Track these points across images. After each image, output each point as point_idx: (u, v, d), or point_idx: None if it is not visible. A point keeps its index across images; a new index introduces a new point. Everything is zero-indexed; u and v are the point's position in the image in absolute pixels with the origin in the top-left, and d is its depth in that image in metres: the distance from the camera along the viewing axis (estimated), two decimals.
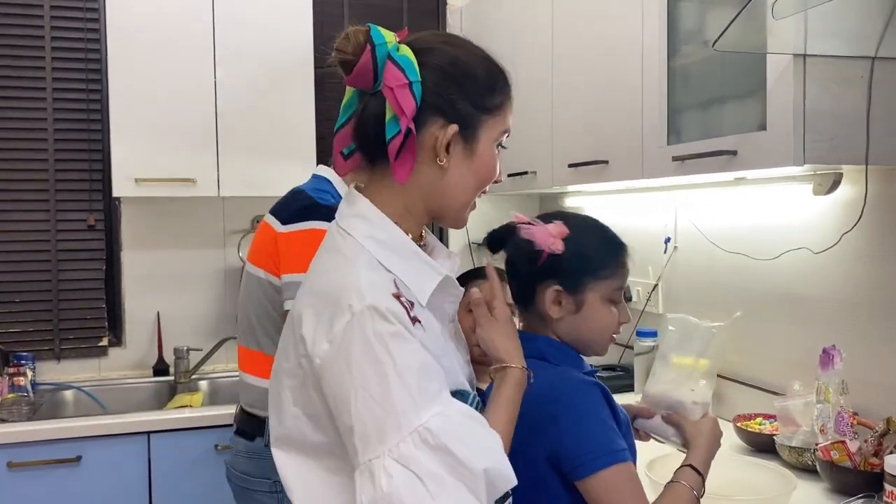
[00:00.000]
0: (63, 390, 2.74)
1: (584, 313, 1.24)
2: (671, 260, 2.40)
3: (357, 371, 0.92)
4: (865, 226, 1.70)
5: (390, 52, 1.01)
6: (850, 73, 1.48)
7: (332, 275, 1.00)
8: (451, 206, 1.09)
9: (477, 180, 1.08)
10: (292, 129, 2.73)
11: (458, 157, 1.05)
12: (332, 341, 0.93)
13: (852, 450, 1.55)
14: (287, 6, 2.71)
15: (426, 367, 0.94)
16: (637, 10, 1.94)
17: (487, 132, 1.06)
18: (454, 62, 1.05)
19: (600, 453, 1.12)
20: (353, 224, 1.05)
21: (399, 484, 0.88)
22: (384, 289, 0.97)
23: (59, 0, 2.79)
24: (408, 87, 0.99)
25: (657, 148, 1.88)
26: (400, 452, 0.89)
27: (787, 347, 1.98)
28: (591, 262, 1.24)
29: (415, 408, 0.90)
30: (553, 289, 1.22)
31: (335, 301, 0.95)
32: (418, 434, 0.90)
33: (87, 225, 2.86)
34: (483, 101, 1.06)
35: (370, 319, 0.92)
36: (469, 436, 0.93)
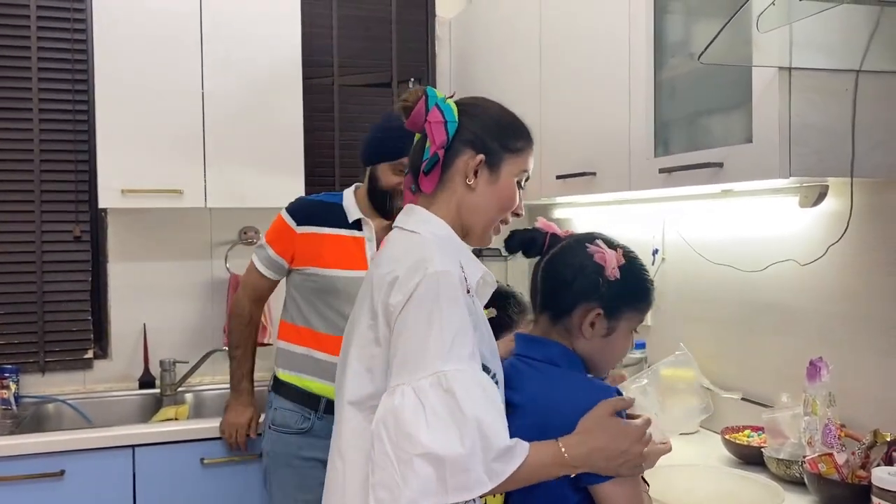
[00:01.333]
0: (47, 403, 2.71)
1: (611, 339, 1.32)
2: (659, 271, 2.40)
3: (413, 316, 1.16)
4: (851, 238, 1.71)
5: (438, 101, 1.33)
6: (835, 86, 1.49)
7: (409, 252, 1.24)
8: (478, 223, 1.34)
9: (499, 203, 1.34)
10: (280, 141, 2.72)
11: (484, 181, 1.32)
12: (404, 293, 1.18)
13: (840, 462, 1.55)
14: (276, 16, 2.71)
15: (465, 331, 1.16)
16: (624, 23, 1.95)
17: (509, 167, 1.34)
18: (486, 111, 1.37)
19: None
20: (418, 226, 1.31)
21: (407, 405, 1.10)
22: (453, 263, 1.22)
23: (46, 11, 2.77)
24: (443, 125, 1.31)
25: (644, 160, 1.88)
26: (418, 385, 1.11)
27: (774, 359, 1.98)
28: (634, 295, 1.33)
29: (443, 357, 1.13)
30: (595, 311, 1.29)
31: (413, 267, 1.20)
32: (437, 377, 1.11)
33: (72, 236, 2.84)
34: (507, 142, 1.34)
35: (436, 281, 1.17)
36: (477, 393, 1.12)
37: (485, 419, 1.10)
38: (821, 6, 1.26)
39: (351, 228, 2.19)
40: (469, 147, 1.32)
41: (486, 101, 1.41)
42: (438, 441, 1.08)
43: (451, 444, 1.08)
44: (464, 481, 1.08)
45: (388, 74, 3.20)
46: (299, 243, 2.19)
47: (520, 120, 1.40)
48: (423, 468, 1.08)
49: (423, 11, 3.25)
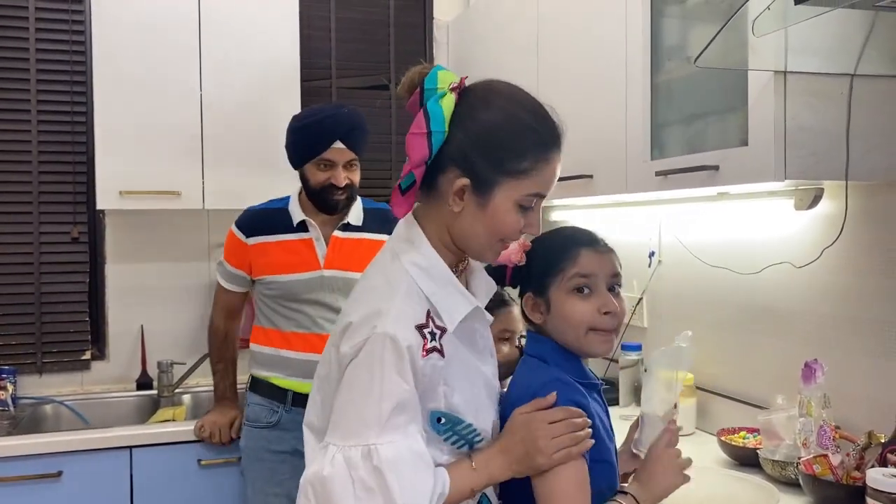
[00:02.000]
0: (45, 404, 2.71)
1: (553, 312, 1.28)
2: (655, 273, 2.41)
3: (357, 375, 1.10)
4: (846, 240, 1.72)
5: (430, 100, 1.11)
6: (830, 90, 1.50)
7: (374, 294, 1.15)
8: (470, 247, 1.19)
9: (489, 231, 1.15)
10: (278, 143, 2.71)
11: (470, 207, 1.14)
12: (352, 348, 1.11)
13: (835, 463, 1.55)
14: (274, 19, 2.71)
15: (403, 403, 1.08)
16: (621, 27, 1.96)
17: (505, 192, 1.12)
18: (486, 125, 1.12)
19: None
20: (403, 248, 1.18)
21: (336, 475, 1.06)
22: (410, 319, 1.11)
23: (45, 12, 2.78)
24: (425, 137, 1.10)
25: (641, 163, 1.89)
26: (348, 454, 1.07)
27: (770, 361, 1.99)
28: (544, 264, 1.29)
29: (377, 428, 1.07)
30: (526, 297, 1.31)
31: (365, 319, 1.11)
32: (368, 449, 1.06)
33: (70, 237, 2.84)
34: (504, 164, 1.11)
35: (381, 344, 1.08)
36: (407, 472, 1.06)
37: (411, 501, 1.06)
38: (816, 10, 1.27)
39: (297, 231, 2.23)
40: (455, 166, 1.12)
41: (497, 94, 1.16)
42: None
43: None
44: None
45: (385, 77, 3.21)
46: (252, 255, 2.23)
47: (538, 123, 1.15)
48: None
49: (421, 14, 3.26)
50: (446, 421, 1.15)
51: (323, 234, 2.22)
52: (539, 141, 1.14)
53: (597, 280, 1.27)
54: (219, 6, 2.64)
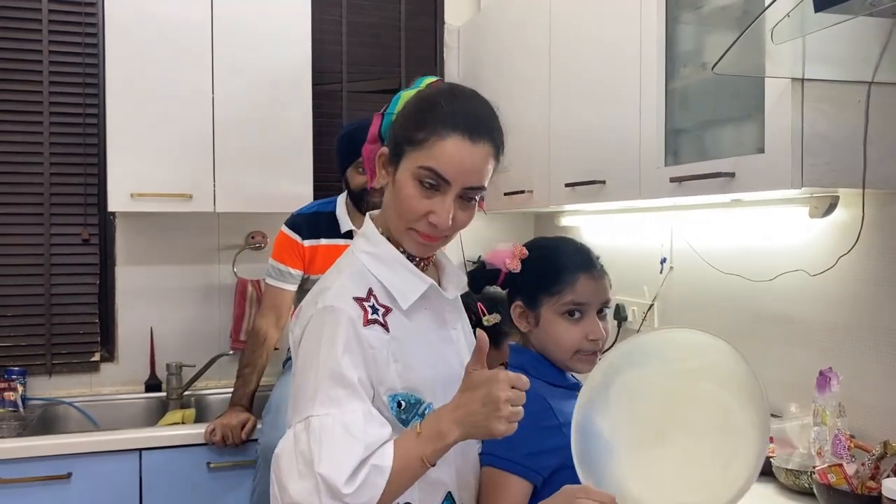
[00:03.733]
0: (54, 406, 2.72)
1: (542, 328, 1.34)
2: (667, 280, 2.41)
3: (302, 354, 1.16)
4: (862, 249, 1.71)
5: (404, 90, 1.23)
6: (847, 98, 1.49)
7: (324, 282, 1.23)
8: (390, 226, 1.22)
9: (396, 207, 1.18)
10: (290, 146, 2.73)
11: (389, 182, 1.21)
12: (301, 328, 1.18)
13: (849, 473, 1.54)
14: (286, 22, 2.72)
15: (339, 375, 1.11)
16: (635, 32, 1.95)
17: (406, 162, 1.17)
18: (412, 98, 1.21)
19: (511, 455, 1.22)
20: (358, 242, 1.26)
21: (284, 451, 1.12)
22: (349, 293, 1.16)
23: (58, 15, 2.79)
24: (380, 115, 1.24)
25: (655, 169, 1.88)
26: (295, 429, 1.12)
27: (783, 369, 1.98)
28: (542, 280, 1.33)
29: (313, 399, 1.11)
30: (516, 304, 1.37)
31: (309, 301, 1.20)
32: (307, 422, 1.11)
33: (81, 239, 2.84)
34: (407, 133, 1.17)
35: (321, 318, 1.14)
36: (329, 443, 1.08)
37: (329, 473, 1.06)
38: (836, 19, 1.27)
39: (345, 238, 2.40)
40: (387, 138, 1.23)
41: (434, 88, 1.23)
42: (300, 492, 1.08)
43: (310, 495, 1.07)
44: None
45: (396, 81, 3.21)
46: (308, 255, 2.39)
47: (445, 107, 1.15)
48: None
49: (433, 19, 3.27)
50: (406, 406, 1.17)
51: None
52: (439, 118, 1.14)
53: (589, 307, 1.33)
54: (231, 10, 2.65)
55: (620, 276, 1.38)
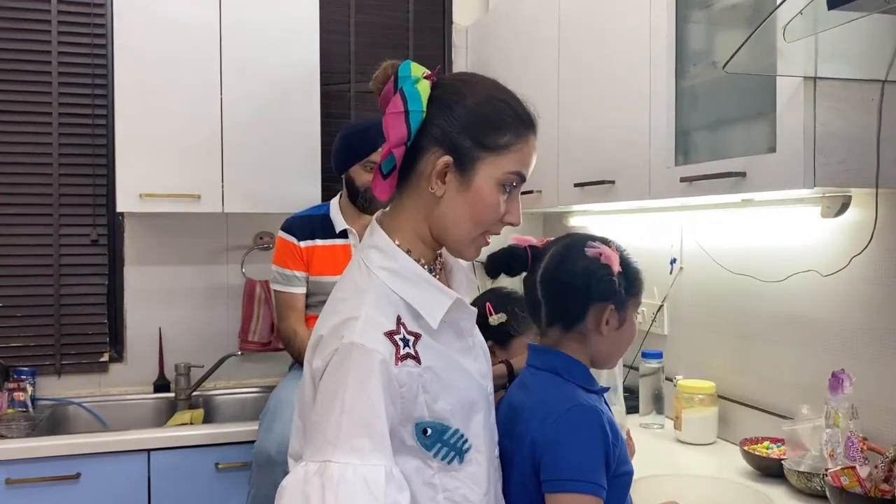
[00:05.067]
0: (63, 406, 2.72)
1: (623, 329, 1.31)
2: (677, 281, 2.39)
3: (324, 389, 1.06)
4: (875, 249, 1.69)
5: (404, 84, 1.10)
6: (860, 96, 1.48)
7: (343, 304, 1.11)
8: (451, 237, 1.15)
9: (472, 216, 1.13)
10: (298, 147, 2.73)
11: (452, 188, 1.12)
12: (323, 360, 1.07)
13: (862, 475, 1.53)
14: (294, 23, 2.72)
15: (367, 423, 1.02)
16: (645, 31, 1.94)
17: (487, 169, 1.11)
18: (463, 99, 1.12)
19: (578, 477, 1.16)
20: (370, 255, 1.14)
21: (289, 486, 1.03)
22: (379, 328, 1.06)
23: (67, 16, 2.80)
24: (403, 116, 1.08)
25: (665, 168, 1.87)
26: (308, 468, 1.02)
27: (795, 370, 1.96)
28: (633, 284, 1.32)
29: (335, 443, 1.01)
30: (609, 308, 1.26)
31: (336, 329, 1.07)
32: (324, 465, 1.01)
33: (90, 240, 2.85)
34: (484, 139, 1.11)
35: (348, 355, 1.03)
36: (348, 497, 0.98)
37: None
38: (849, 16, 1.26)
39: (339, 238, 2.45)
40: (436, 145, 1.11)
41: (472, 80, 1.16)
42: None
43: None
44: None
45: None
46: (306, 256, 2.44)
47: (514, 104, 1.15)
48: None
49: (441, 19, 3.26)
50: (432, 432, 1.10)
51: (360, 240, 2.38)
52: (518, 119, 1.14)
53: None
54: (240, 11, 2.65)
55: None
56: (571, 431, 1.18)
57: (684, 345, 2.37)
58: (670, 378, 2.30)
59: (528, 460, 1.21)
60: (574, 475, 1.16)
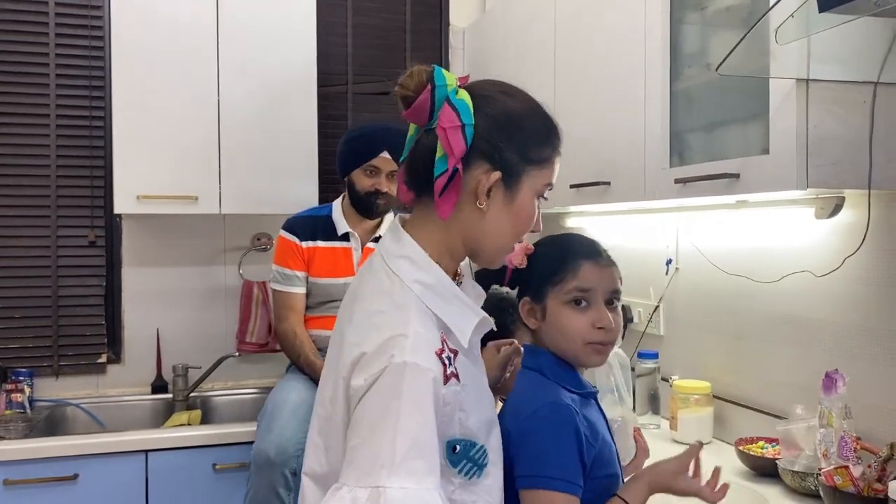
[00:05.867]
0: (61, 407, 2.73)
1: (549, 321, 1.29)
2: (672, 281, 2.40)
3: (371, 411, 0.99)
4: (868, 250, 1.70)
5: (449, 94, 1.07)
6: (853, 98, 1.49)
7: (384, 319, 1.05)
8: (488, 249, 1.14)
9: (514, 227, 1.12)
10: (295, 148, 2.73)
11: (498, 202, 1.09)
12: (367, 379, 1.00)
13: (856, 475, 1.54)
14: (291, 24, 2.73)
15: (422, 445, 0.98)
16: (640, 33, 1.95)
17: (530, 182, 1.11)
18: (508, 112, 1.10)
19: (553, 475, 1.16)
20: (401, 266, 1.10)
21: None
22: (429, 346, 1.03)
23: (64, 18, 2.80)
24: (460, 130, 1.05)
25: (660, 170, 1.88)
26: (356, 494, 0.95)
27: (789, 371, 1.97)
28: (545, 272, 1.29)
29: (390, 468, 0.95)
30: (523, 301, 1.31)
31: (381, 345, 1.01)
32: (377, 491, 0.95)
33: (87, 241, 2.86)
34: (530, 153, 1.10)
35: (401, 374, 0.98)
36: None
37: None
38: (840, 19, 1.26)
39: (340, 240, 2.46)
40: (483, 159, 1.08)
41: (511, 91, 1.14)
42: None
43: None
44: None
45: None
46: (307, 256, 2.44)
47: (547, 114, 1.15)
48: None
49: (438, 20, 3.27)
50: (461, 449, 1.08)
51: (361, 244, 2.46)
52: (555, 132, 1.15)
53: (595, 294, 1.27)
54: (236, 12, 2.66)
55: (626, 278, 1.36)
56: (542, 428, 1.19)
57: (680, 345, 2.38)
58: (666, 378, 2.31)
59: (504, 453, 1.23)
60: (549, 472, 1.17)
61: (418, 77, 1.07)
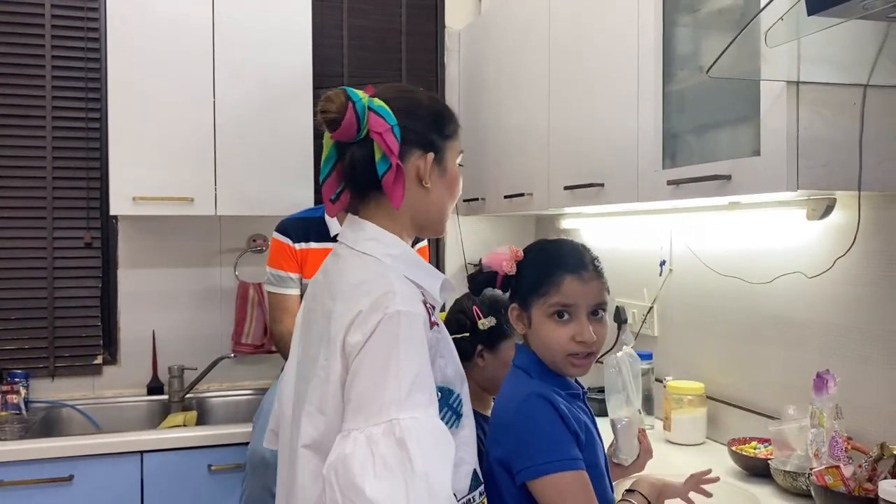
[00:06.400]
0: (57, 408, 2.73)
1: (533, 329, 1.35)
2: (666, 282, 2.41)
3: (371, 358, 1.11)
4: (859, 251, 1.71)
5: (368, 104, 1.22)
6: (842, 100, 1.50)
7: (371, 286, 1.17)
8: (435, 219, 1.31)
9: (451, 194, 1.32)
10: (291, 149, 2.74)
11: (436, 178, 1.28)
12: (364, 333, 1.12)
13: (846, 475, 1.55)
14: (287, 26, 2.73)
15: (422, 377, 1.11)
16: (633, 35, 1.96)
17: (451, 153, 1.31)
18: (417, 105, 1.29)
19: (551, 459, 1.21)
20: (369, 246, 1.24)
21: (357, 454, 1.05)
22: (414, 297, 1.17)
23: (60, 20, 2.81)
24: (391, 131, 1.22)
25: (652, 171, 1.89)
26: (370, 432, 1.06)
27: (781, 371, 1.98)
28: (530, 282, 1.35)
29: (399, 404, 1.07)
30: (512, 307, 1.39)
31: (374, 302, 1.14)
32: (390, 425, 1.06)
33: (83, 242, 2.86)
34: (445, 130, 1.30)
35: (397, 322, 1.11)
36: (430, 444, 1.06)
37: (434, 475, 1.05)
38: (829, 22, 1.27)
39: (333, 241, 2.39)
40: (415, 147, 1.26)
41: (405, 89, 1.34)
42: (384, 494, 1.02)
43: (396, 498, 1.02)
44: None
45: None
46: (300, 257, 2.40)
47: (442, 100, 1.40)
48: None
49: (433, 22, 3.28)
50: (442, 396, 1.19)
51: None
52: (449, 109, 1.35)
53: (577, 308, 1.32)
54: (232, 13, 2.67)
55: (620, 279, 1.39)
56: (526, 418, 1.25)
57: (674, 346, 2.39)
58: (660, 379, 2.32)
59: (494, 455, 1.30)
60: (546, 458, 1.21)
61: (338, 99, 1.20)
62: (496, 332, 1.64)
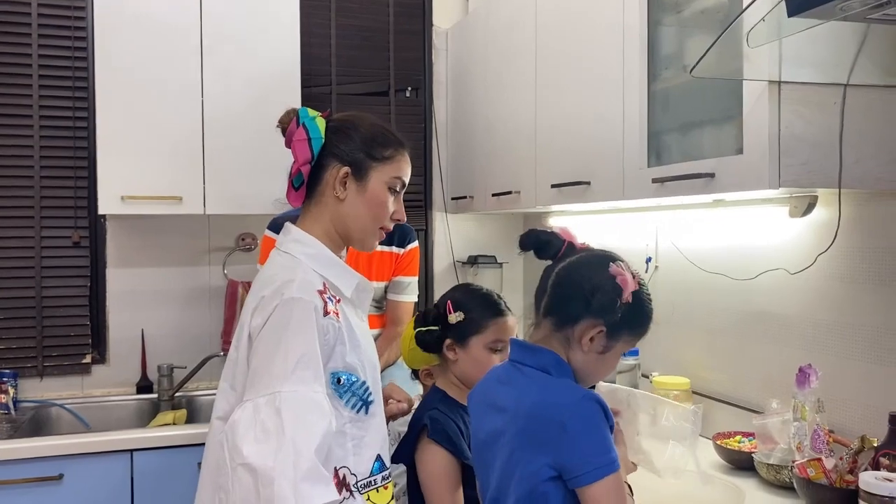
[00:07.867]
0: (45, 408, 2.73)
1: (605, 356, 1.31)
2: (652, 279, 2.44)
3: (266, 339, 1.30)
4: (840, 247, 1.74)
5: (305, 120, 1.44)
6: (823, 100, 1.52)
7: (275, 277, 1.37)
8: (354, 232, 1.47)
9: (370, 211, 1.46)
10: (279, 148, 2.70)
11: (352, 192, 1.45)
12: (263, 317, 1.31)
13: (828, 467, 1.57)
14: (275, 25, 2.74)
15: (308, 357, 1.28)
16: (618, 35, 1.98)
17: (378, 175, 1.46)
18: (352, 125, 1.47)
19: (604, 463, 1.19)
20: (291, 247, 1.44)
21: (243, 419, 1.24)
22: (312, 286, 1.35)
23: (47, 18, 2.80)
24: (306, 142, 1.42)
25: (637, 170, 1.91)
26: (256, 402, 1.25)
27: (764, 366, 2.01)
28: (637, 322, 1.33)
29: (282, 378, 1.25)
30: (598, 328, 1.27)
31: (275, 290, 1.33)
32: (273, 396, 1.24)
33: (72, 242, 2.86)
34: (372, 151, 1.45)
35: (290, 307, 1.30)
36: (302, 413, 1.24)
37: (301, 440, 1.21)
38: (809, 23, 1.30)
39: None
40: (335, 160, 1.44)
41: (359, 117, 1.50)
42: (255, 454, 1.20)
43: (265, 457, 1.19)
44: (269, 495, 1.18)
45: (385, 83, 3.24)
46: None
47: (390, 131, 1.51)
48: (244, 476, 1.21)
49: (421, 21, 3.29)
50: (344, 381, 1.36)
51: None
52: (396, 139, 1.50)
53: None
54: (220, 12, 2.67)
55: None
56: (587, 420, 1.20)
57: (660, 342, 2.41)
58: (646, 375, 2.34)
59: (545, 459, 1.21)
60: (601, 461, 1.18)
61: (288, 114, 1.48)
62: (465, 328, 1.65)
